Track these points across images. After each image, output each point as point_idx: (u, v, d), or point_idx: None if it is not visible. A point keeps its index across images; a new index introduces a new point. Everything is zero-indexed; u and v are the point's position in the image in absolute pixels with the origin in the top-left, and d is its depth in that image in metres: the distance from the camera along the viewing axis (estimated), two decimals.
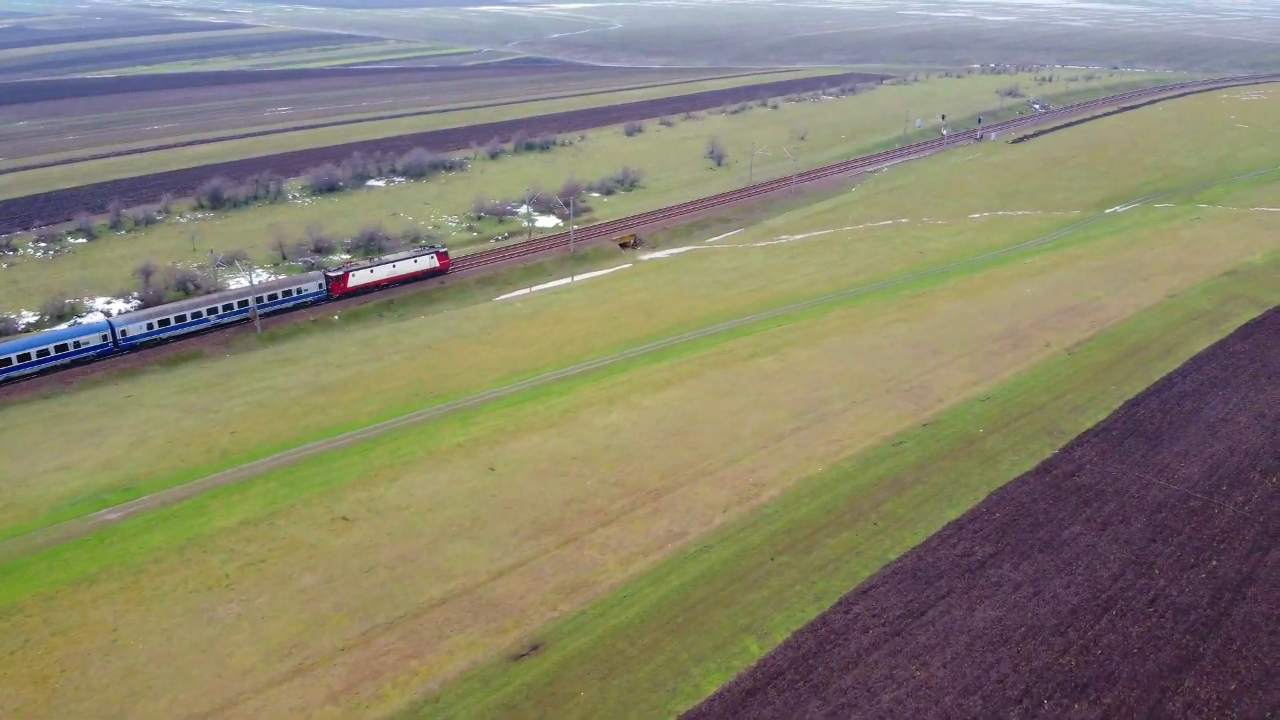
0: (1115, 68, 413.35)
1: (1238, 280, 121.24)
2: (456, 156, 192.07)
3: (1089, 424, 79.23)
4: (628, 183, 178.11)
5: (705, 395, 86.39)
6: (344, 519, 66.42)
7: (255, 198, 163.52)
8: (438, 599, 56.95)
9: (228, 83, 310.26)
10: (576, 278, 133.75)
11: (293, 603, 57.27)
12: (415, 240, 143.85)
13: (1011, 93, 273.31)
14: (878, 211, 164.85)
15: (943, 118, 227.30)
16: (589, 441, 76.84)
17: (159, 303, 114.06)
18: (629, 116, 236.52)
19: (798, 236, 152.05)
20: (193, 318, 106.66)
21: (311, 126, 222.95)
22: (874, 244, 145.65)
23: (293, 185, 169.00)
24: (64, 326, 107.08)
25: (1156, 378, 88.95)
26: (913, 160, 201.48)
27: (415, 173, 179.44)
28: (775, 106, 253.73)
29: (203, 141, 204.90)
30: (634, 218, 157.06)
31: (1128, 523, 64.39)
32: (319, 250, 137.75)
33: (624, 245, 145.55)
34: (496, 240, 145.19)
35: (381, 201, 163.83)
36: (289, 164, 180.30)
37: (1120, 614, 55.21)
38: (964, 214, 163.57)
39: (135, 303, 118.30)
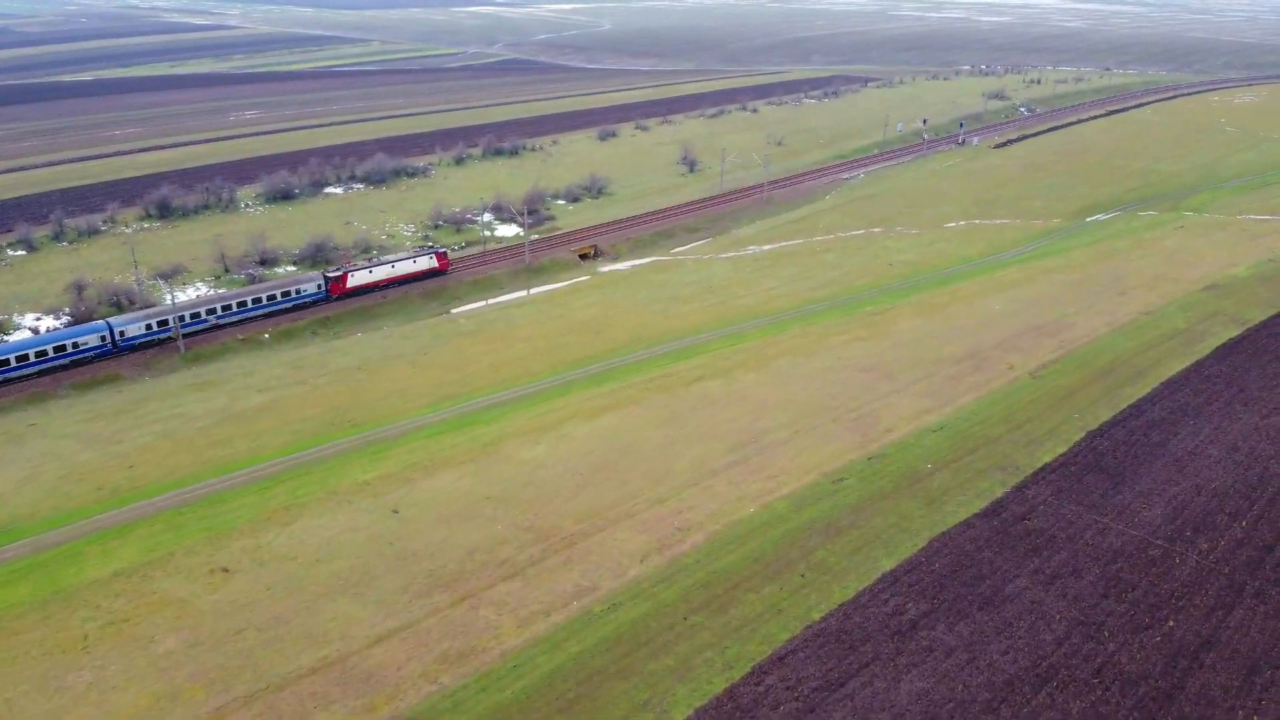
0: (1107, 69, 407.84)
1: (1218, 295, 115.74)
2: (420, 162, 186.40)
3: (1047, 458, 73.66)
4: (595, 190, 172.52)
5: (642, 424, 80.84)
6: (224, 570, 60.85)
7: (206, 207, 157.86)
8: (307, 668, 51.34)
9: (200, 85, 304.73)
10: (531, 291, 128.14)
11: (148, 671, 51.70)
12: (365, 251, 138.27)
13: (998, 95, 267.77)
14: (850, 220, 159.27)
15: (924, 122, 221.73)
16: (507, 479, 71.23)
17: (90, 318, 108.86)
18: (604, 120, 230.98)
19: (765, 247, 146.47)
20: (191, 319, 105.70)
21: (275, 131, 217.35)
22: (842, 255, 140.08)
23: (246, 193, 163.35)
24: (62, 327, 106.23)
25: (1124, 405, 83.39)
26: (891, 166, 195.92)
27: (376, 179, 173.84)
28: (755, 110, 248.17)
29: (162, 147, 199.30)
30: (598, 227, 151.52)
31: (1079, 575, 58.79)
32: (264, 262, 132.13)
33: (584, 256, 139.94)
34: (451, 251, 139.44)
35: (337, 210, 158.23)
36: (245, 171, 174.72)
37: (1062, 686, 49.63)
38: (939, 223, 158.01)
39: (65, 319, 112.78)
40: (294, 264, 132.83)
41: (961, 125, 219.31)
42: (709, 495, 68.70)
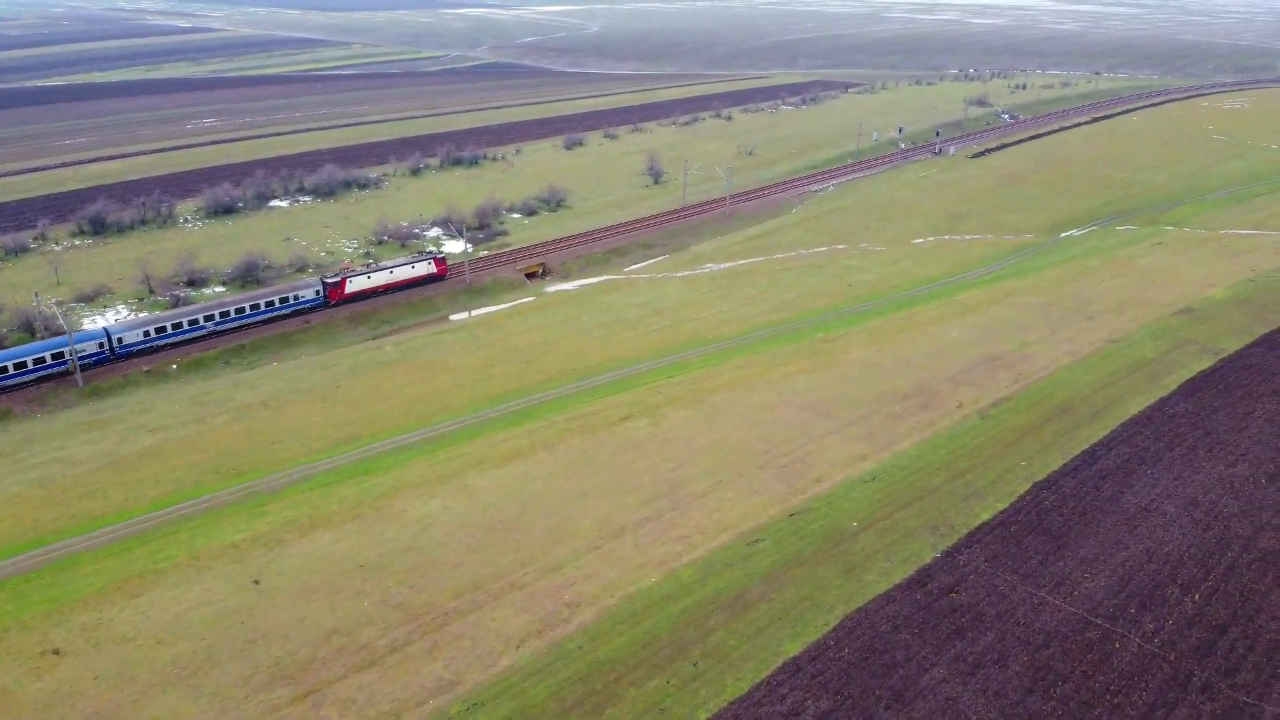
0: (1098, 73, 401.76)
1: (1192, 320, 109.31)
2: (374, 173, 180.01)
3: (985, 515, 67.17)
4: (553, 202, 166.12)
5: (553, 472, 74.34)
6: (55, 652, 54.39)
7: (143, 222, 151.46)
8: None
9: (166, 91, 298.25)
10: (472, 313, 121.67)
11: None
12: (302, 270, 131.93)
13: (980, 102, 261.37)
14: (814, 236, 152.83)
15: (899, 130, 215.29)
16: (390, 542, 64.72)
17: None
18: (573, 128, 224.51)
19: (723, 265, 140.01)
20: (189, 324, 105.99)
21: (230, 140, 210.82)
22: (801, 275, 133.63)
23: (186, 208, 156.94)
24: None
25: (1077, 451, 76.91)
26: (863, 177, 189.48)
27: (324, 192, 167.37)
28: (729, 118, 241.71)
29: (109, 158, 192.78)
30: (550, 243, 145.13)
31: (1004, 664, 52.31)
32: (192, 283, 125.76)
33: (530, 275, 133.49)
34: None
35: (280, 225, 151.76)
36: (190, 183, 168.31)
37: None
38: (906, 239, 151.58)
39: None
40: (223, 284, 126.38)
41: (938, 134, 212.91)
42: (610, 561, 62.21)
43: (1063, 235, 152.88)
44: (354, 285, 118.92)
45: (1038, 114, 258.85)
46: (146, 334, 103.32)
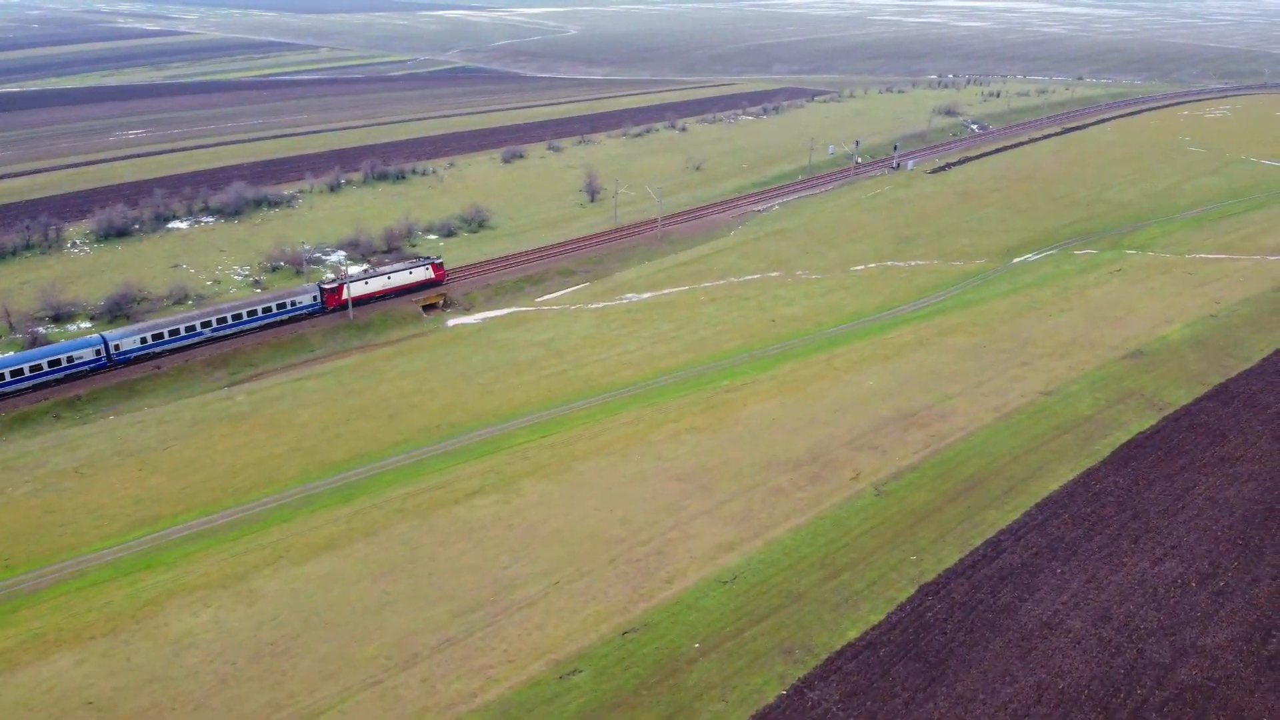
0: (1080, 78, 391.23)
1: (1141, 366, 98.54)
2: (289, 190, 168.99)
3: (853, 633, 56.35)
4: (475, 222, 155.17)
5: (361, 572, 63.48)
6: None
7: (28, 247, 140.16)
8: None
9: (102, 100, 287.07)
10: (350, 354, 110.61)
11: None
12: (182, 300, 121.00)
13: (949, 111, 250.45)
14: (748, 263, 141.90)
15: (856, 144, 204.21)
16: (135, 669, 53.81)
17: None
18: (517, 139, 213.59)
19: (644, 295, 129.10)
20: (186, 331, 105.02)
21: (148, 154, 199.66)
22: (724, 308, 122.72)
23: (77, 230, 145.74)
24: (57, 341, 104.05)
25: (979, 541, 66.08)
26: (812, 195, 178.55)
27: (230, 212, 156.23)
28: (684, 129, 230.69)
29: (16, 175, 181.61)
30: (461, 269, 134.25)
31: None
32: (57, 319, 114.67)
33: (429, 307, 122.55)
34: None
35: (174, 249, 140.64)
36: (87, 203, 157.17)
37: None
38: (847, 265, 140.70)
39: None
40: (90, 319, 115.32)
41: (896, 148, 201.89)
42: (386, 704, 51.31)
43: (1016, 261, 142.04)
44: (352, 291, 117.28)
45: (1008, 124, 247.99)
46: (144, 340, 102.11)
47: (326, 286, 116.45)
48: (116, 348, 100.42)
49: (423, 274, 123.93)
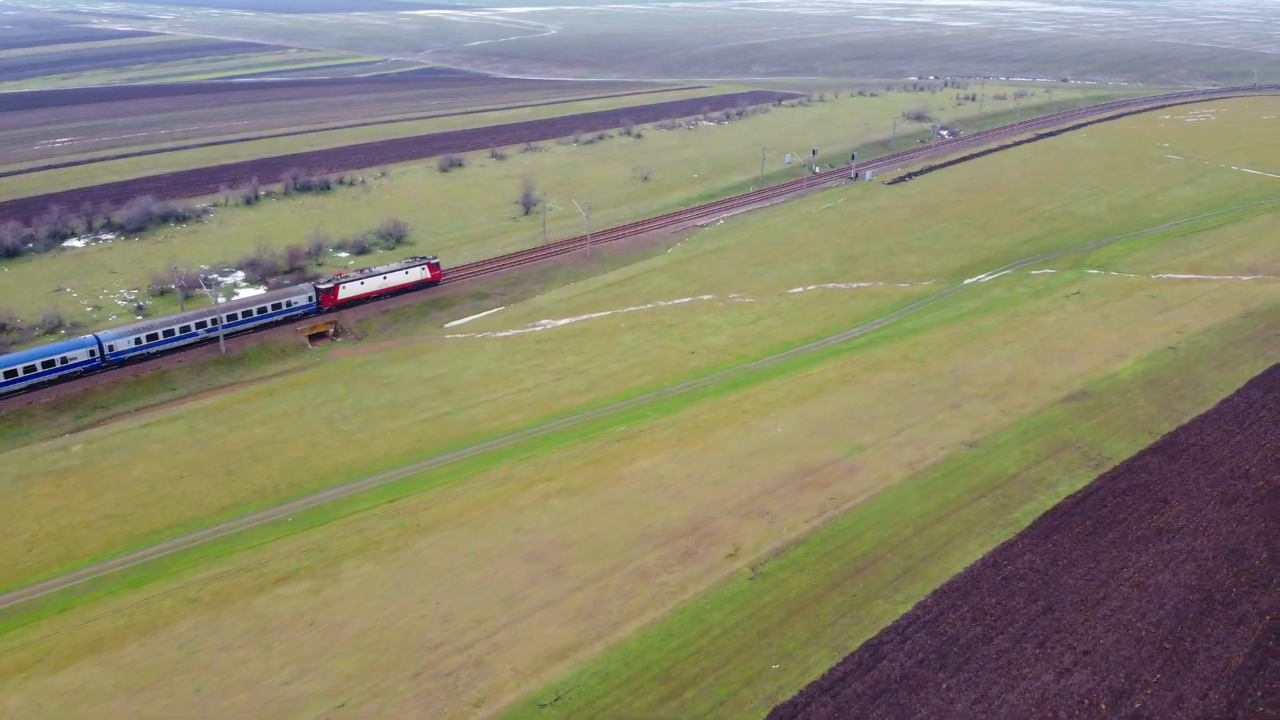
0: (1065, 80, 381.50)
1: (1083, 411, 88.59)
2: (202, 203, 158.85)
3: None
4: (393, 238, 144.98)
5: (115, 686, 53.84)
6: None
7: None
8: None
9: (48, 105, 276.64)
10: (217, 394, 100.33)
11: None
12: (54, 330, 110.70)
13: (919, 117, 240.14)
14: (680, 284, 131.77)
15: (813, 153, 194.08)
16: None
17: None
18: (461, 146, 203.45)
19: (561, 322, 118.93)
20: (181, 332, 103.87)
21: (68, 164, 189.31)
22: (643, 337, 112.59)
23: None
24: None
25: (858, 642, 56.05)
26: (761, 209, 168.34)
27: (133, 228, 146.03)
28: (639, 135, 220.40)
29: None
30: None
31: None
32: None
33: (317, 337, 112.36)
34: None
35: (63, 271, 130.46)
36: None
37: None
38: (785, 287, 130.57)
39: None
40: None
41: (853, 157, 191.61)
42: None
43: (967, 282, 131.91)
44: (347, 291, 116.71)
45: (980, 130, 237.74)
46: (138, 341, 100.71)
47: (322, 287, 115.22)
48: (111, 348, 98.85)
49: (419, 274, 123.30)
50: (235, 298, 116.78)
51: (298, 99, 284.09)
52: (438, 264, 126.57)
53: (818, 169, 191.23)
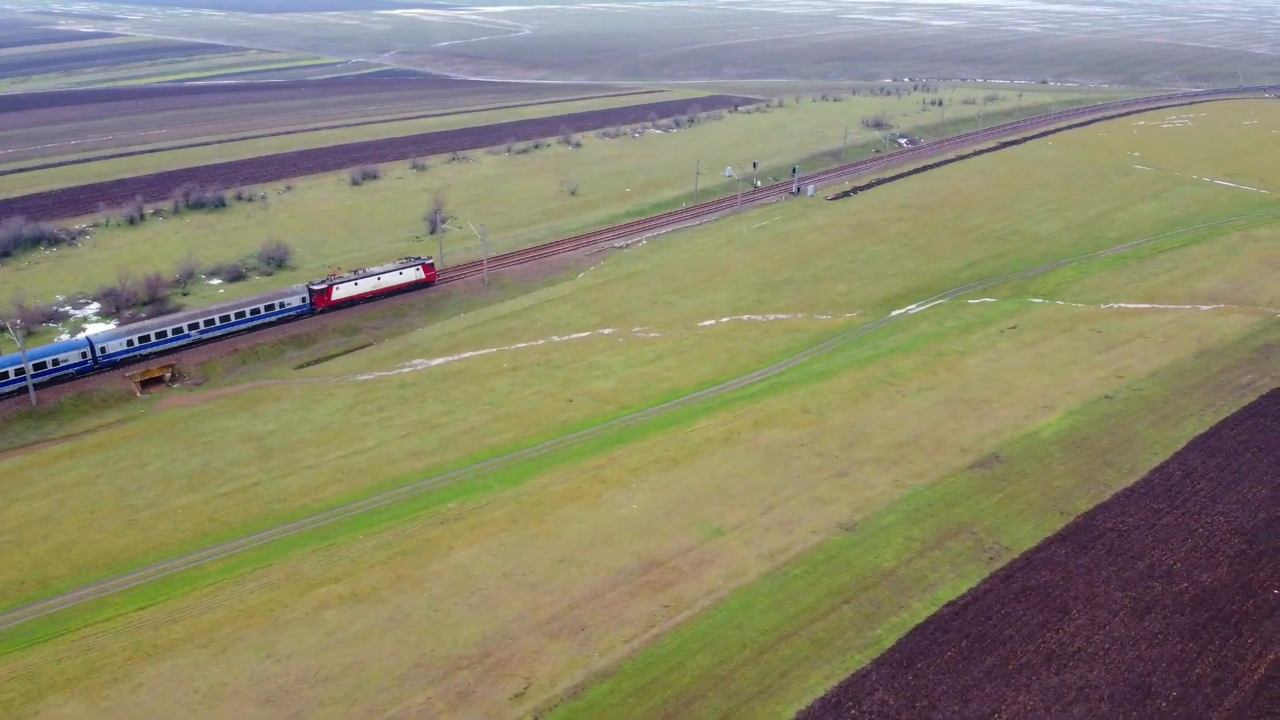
0: (1044, 82, 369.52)
1: (989, 482, 76.55)
2: (81, 224, 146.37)
3: None
4: (274, 262, 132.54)
5: None
6: None
7: None
8: None
9: None
10: (9, 457, 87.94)
11: None
12: None
13: (878, 124, 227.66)
14: (581, 316, 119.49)
15: (754, 166, 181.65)
16: None
17: None
18: (381, 156, 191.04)
19: (435, 362, 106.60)
20: (174, 334, 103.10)
21: None
22: (522, 381, 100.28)
23: None
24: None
25: None
26: (689, 228, 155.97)
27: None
28: (578, 145, 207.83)
29: None
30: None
31: None
32: None
33: (151, 382, 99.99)
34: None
35: None
36: None
37: None
38: (696, 319, 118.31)
39: None
40: None
41: (795, 170, 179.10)
42: None
43: (895, 314, 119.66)
44: (340, 292, 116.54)
45: (941, 137, 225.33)
46: (130, 343, 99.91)
47: (315, 288, 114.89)
48: (103, 350, 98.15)
49: (413, 274, 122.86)
50: (231, 300, 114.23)
51: (232, 104, 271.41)
52: (432, 264, 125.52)
53: (759, 183, 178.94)
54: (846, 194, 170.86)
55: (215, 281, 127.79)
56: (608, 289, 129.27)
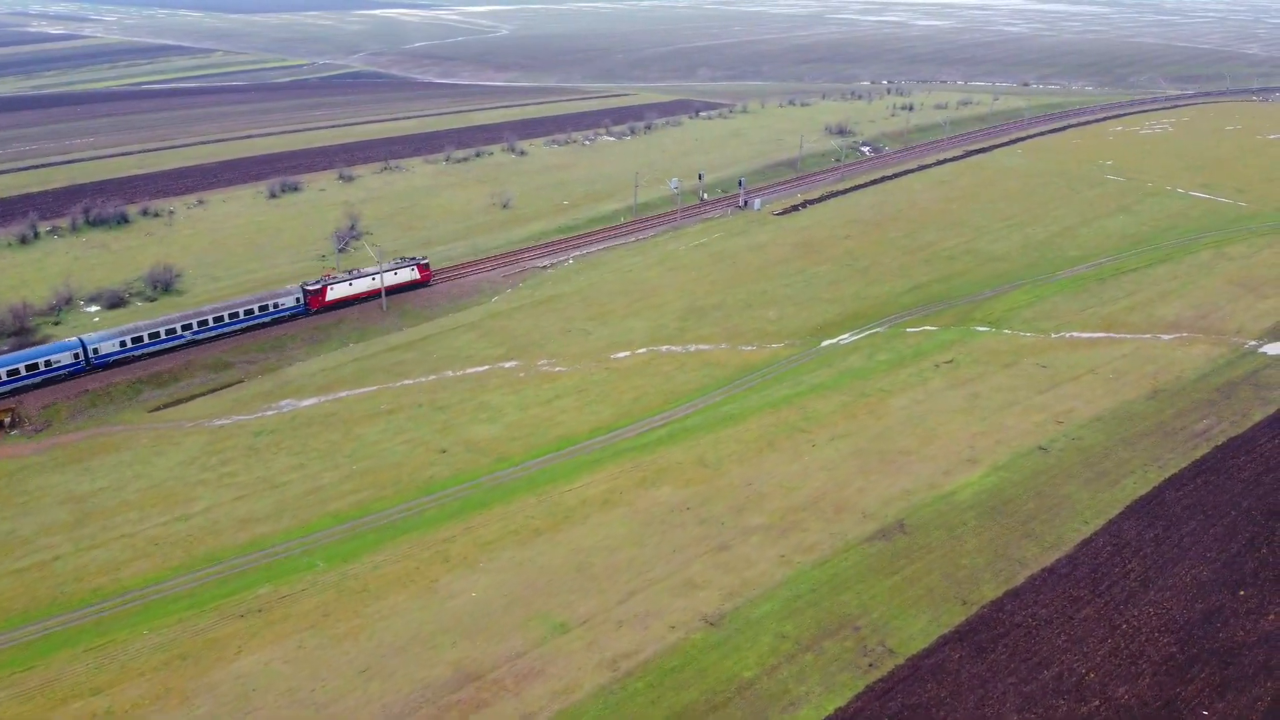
0: (1026, 84, 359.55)
1: (887, 558, 66.68)
2: None
3: None
4: (161, 285, 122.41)
5: None
6: None
7: None
8: None
9: None
10: None
11: None
12: None
13: (841, 130, 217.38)
14: (484, 347, 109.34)
15: (700, 178, 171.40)
16: None
17: None
18: (309, 166, 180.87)
19: (305, 403, 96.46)
20: (167, 334, 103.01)
21: None
22: (395, 426, 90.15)
23: None
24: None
25: None
26: (623, 245, 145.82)
27: None
28: (523, 153, 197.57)
29: None
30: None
31: None
32: None
33: None
34: None
35: None
36: None
37: None
38: (611, 350, 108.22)
39: None
40: None
41: (741, 183, 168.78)
42: None
43: (825, 344, 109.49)
44: (335, 293, 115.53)
45: (906, 145, 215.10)
46: (123, 344, 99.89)
47: (310, 288, 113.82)
48: (95, 351, 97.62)
49: (408, 274, 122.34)
50: (225, 300, 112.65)
51: (173, 110, 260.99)
52: (427, 264, 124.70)
53: (705, 195, 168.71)
54: (796, 208, 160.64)
55: (93, 309, 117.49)
56: (520, 315, 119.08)
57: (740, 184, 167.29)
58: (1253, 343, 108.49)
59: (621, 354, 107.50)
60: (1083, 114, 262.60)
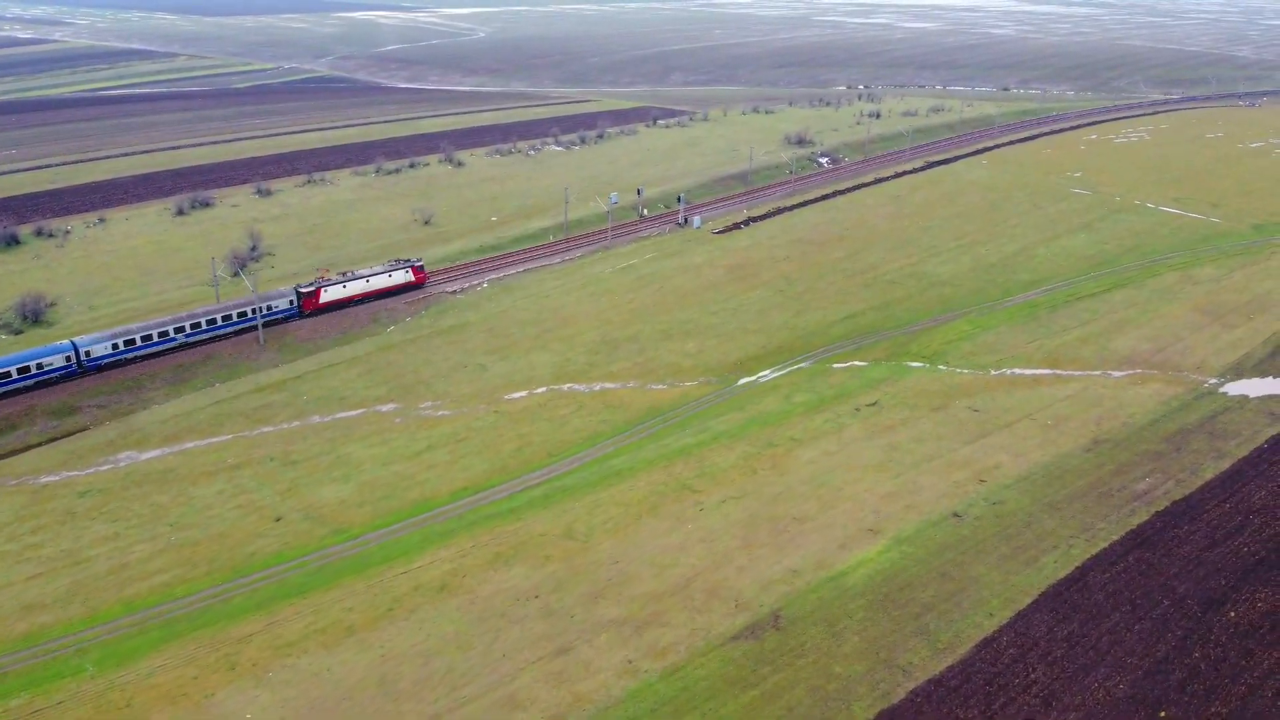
0: (1006, 89, 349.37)
1: (750, 664, 57.25)
2: None
3: None
4: (32, 316, 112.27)
5: None
6: None
7: None
8: None
9: None
10: None
11: None
12: None
13: (800, 141, 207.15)
14: (364, 387, 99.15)
15: (639, 193, 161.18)
16: None
17: None
18: (226, 180, 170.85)
19: (147, 455, 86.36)
20: (159, 337, 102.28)
21: None
22: (234, 485, 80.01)
23: None
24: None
25: None
26: (546, 266, 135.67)
27: None
28: (460, 164, 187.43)
29: None
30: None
31: None
32: None
33: None
34: None
35: None
36: None
37: None
38: (507, 389, 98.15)
39: None
40: None
41: (680, 199, 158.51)
42: None
43: (743, 381, 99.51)
44: (329, 295, 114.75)
45: (867, 156, 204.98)
46: (115, 346, 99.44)
47: (303, 290, 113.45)
48: (88, 354, 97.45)
49: (402, 277, 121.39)
50: (217, 303, 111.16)
51: (105, 119, 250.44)
52: (422, 266, 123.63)
53: (645, 212, 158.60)
54: (738, 225, 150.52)
55: None
56: (413, 348, 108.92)
57: (679, 199, 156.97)
58: (1213, 380, 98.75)
59: (518, 394, 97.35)
60: (1058, 121, 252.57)
